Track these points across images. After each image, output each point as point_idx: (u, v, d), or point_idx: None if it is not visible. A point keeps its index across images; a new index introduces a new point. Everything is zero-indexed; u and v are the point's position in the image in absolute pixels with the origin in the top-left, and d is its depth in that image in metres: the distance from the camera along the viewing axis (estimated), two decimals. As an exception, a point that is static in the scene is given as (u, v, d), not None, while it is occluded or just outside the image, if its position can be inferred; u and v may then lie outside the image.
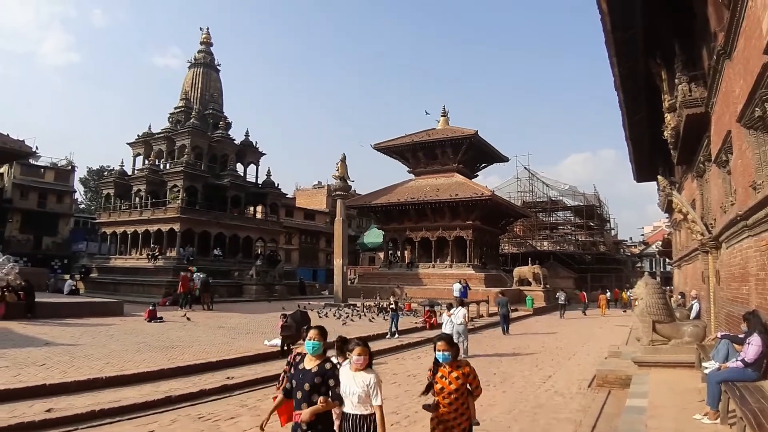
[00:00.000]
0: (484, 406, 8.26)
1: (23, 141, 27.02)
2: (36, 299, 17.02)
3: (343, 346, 6.27)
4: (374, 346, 14.03)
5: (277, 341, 12.19)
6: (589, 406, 8.25)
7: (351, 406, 3.84)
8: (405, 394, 8.98)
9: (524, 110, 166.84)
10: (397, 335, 15.76)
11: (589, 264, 48.68)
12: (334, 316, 20.60)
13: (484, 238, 39.47)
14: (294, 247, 60.21)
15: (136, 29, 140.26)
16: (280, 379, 6.66)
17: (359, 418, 3.82)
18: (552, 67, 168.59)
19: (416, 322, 18.84)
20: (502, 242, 50.11)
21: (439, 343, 4.21)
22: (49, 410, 6.78)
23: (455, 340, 13.73)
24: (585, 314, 30.21)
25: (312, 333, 4.04)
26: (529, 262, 37.28)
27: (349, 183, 30.41)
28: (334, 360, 4.20)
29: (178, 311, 21.28)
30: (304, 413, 3.78)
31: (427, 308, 19.50)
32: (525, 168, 52.83)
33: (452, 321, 12.77)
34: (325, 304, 25.75)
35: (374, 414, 3.81)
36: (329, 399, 3.83)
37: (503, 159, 45.10)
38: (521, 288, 34.32)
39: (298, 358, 6.13)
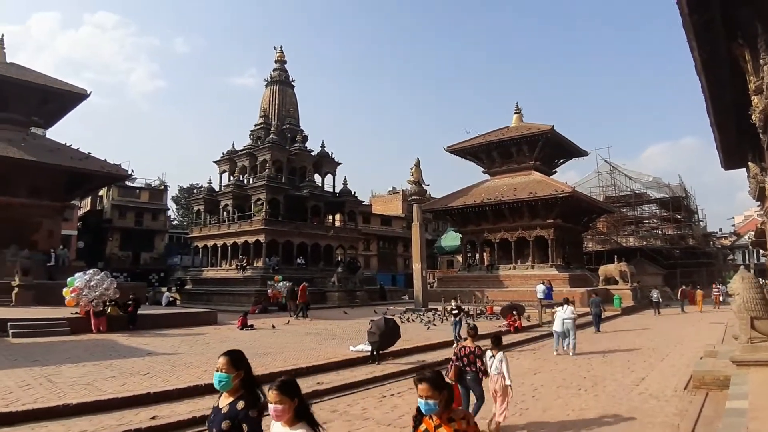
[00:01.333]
0: (575, 411, 7.92)
1: (120, 165, 29.18)
2: (137, 312, 18.22)
3: (498, 340, 7.63)
4: None
5: (362, 347, 12.36)
6: (686, 410, 7.79)
7: None
8: (489, 400, 8.82)
9: (599, 102, 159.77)
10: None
11: (677, 259, 45.54)
12: (418, 320, 20.53)
13: (567, 237, 38.00)
14: (372, 253, 60.85)
15: (215, 53, 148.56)
16: (449, 366, 7.11)
17: None
18: (625, 56, 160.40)
19: (500, 326, 18.47)
20: (585, 240, 47.96)
21: (420, 386, 2.88)
22: (153, 417, 7.19)
23: (564, 337, 13.93)
24: (684, 311, 28.48)
25: (220, 362, 2.97)
26: (615, 259, 35.51)
27: (424, 187, 30.31)
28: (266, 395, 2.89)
29: (292, 317, 21.91)
30: None
31: (513, 312, 18.95)
32: (605, 161, 50.40)
33: (561, 318, 13.69)
34: (405, 308, 25.80)
35: None
36: None
37: (582, 153, 43.26)
38: (607, 287, 32.75)
39: (464, 351, 6.94)
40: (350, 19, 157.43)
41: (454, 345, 13.24)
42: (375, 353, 11.72)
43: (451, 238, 51.30)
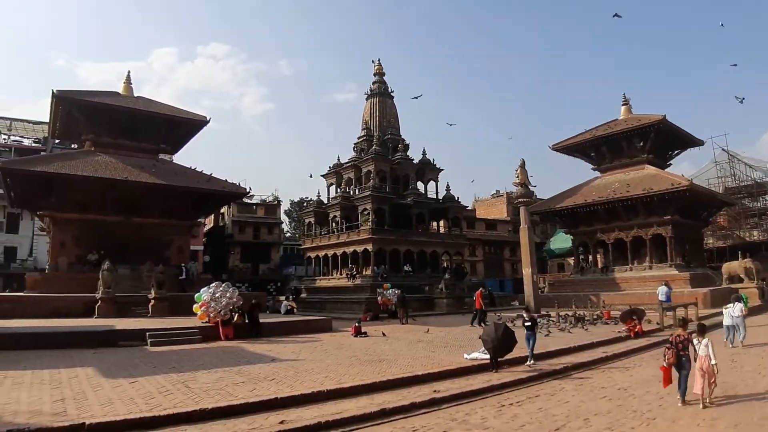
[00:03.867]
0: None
1: (238, 184, 31.31)
2: (259, 320, 19.28)
3: (703, 327, 9.03)
4: (577, 358, 13.43)
5: (477, 354, 12.14)
6: None
7: None
8: (617, 409, 8.40)
9: (709, 86, 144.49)
10: (532, 360, 12.19)
11: (808, 252, 40.22)
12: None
13: (685, 234, 34.94)
14: (478, 259, 60.00)
15: (315, 73, 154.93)
16: (666, 352, 8.47)
17: None
18: (733, 32, 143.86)
19: (619, 331, 17.56)
20: (705, 236, 43.84)
21: None
22: (282, 422, 7.51)
23: (732, 332, 14.94)
24: None
25: None
26: (739, 255, 32.05)
27: (531, 188, 29.31)
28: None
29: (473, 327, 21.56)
30: None
31: (633, 317, 17.75)
32: (723, 149, 46.07)
33: (731, 314, 15.00)
34: (517, 315, 25.01)
35: None
36: None
37: (697, 143, 39.51)
38: (731, 286, 29.69)
39: (678, 338, 8.27)
40: (444, 21, 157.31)
41: (529, 362, 12.07)
42: (493, 361, 11.49)
43: (560, 241, 49.21)
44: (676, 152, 39.98)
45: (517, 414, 8.24)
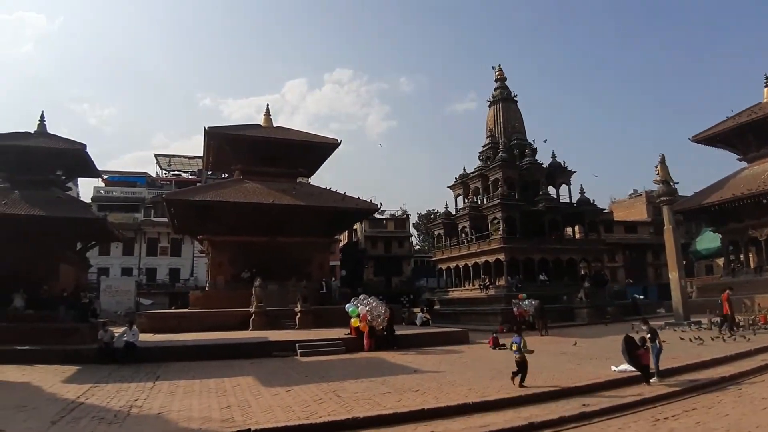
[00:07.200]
0: None
1: (370, 200, 32.55)
2: (396, 332, 19.79)
3: None
4: (734, 367, 12.37)
5: (625, 366, 11.45)
6: None
7: None
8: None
9: None
10: (656, 378, 11.00)
11: None
12: (689, 338, 18.06)
13: None
14: (618, 264, 56.25)
15: (435, 86, 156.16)
16: None
17: None
18: None
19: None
20: None
21: None
22: (431, 434, 7.62)
23: None
24: None
25: None
26: None
27: (673, 186, 26.87)
28: None
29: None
30: None
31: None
32: None
33: None
34: (664, 323, 23.04)
35: None
36: None
37: None
38: None
39: None
40: (560, 17, 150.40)
41: (654, 378, 10.95)
42: (646, 373, 10.83)
43: (707, 240, 44.40)
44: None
45: (673, 429, 7.83)
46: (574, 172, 39.80)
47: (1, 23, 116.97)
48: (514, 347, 11.03)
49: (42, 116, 24.34)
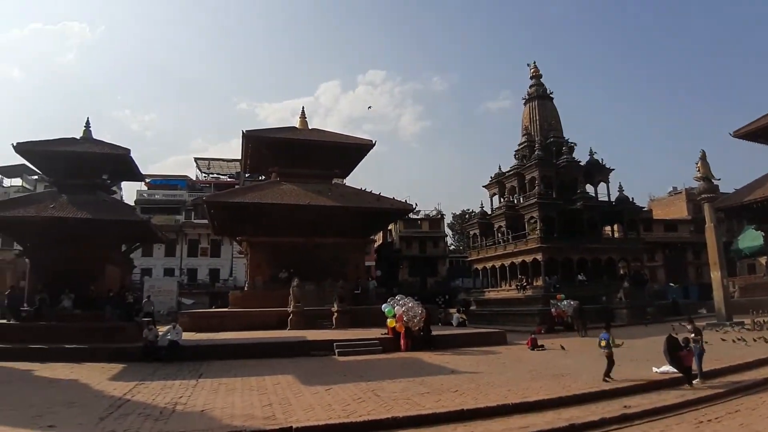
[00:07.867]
0: None
1: (405, 201, 32.60)
2: (432, 332, 19.75)
3: None
4: None
5: (667, 368, 11.27)
6: None
7: None
8: None
9: None
10: (699, 379, 10.88)
11: None
12: (731, 339, 17.54)
13: None
14: (658, 264, 54.84)
15: (468, 84, 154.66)
16: None
17: None
18: None
19: None
20: None
21: None
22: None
23: None
24: None
25: None
26: None
27: (715, 183, 26.04)
28: None
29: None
30: None
31: None
32: None
33: None
34: (706, 323, 22.33)
35: None
36: None
37: None
38: None
39: None
40: (600, 11, 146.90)
41: (697, 380, 10.76)
42: (687, 375, 10.66)
43: (750, 238, 42.70)
44: None
45: (717, 431, 7.78)
46: (613, 169, 38.87)
47: (47, 33, 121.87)
48: (603, 343, 11.45)
49: (87, 122, 25.20)
